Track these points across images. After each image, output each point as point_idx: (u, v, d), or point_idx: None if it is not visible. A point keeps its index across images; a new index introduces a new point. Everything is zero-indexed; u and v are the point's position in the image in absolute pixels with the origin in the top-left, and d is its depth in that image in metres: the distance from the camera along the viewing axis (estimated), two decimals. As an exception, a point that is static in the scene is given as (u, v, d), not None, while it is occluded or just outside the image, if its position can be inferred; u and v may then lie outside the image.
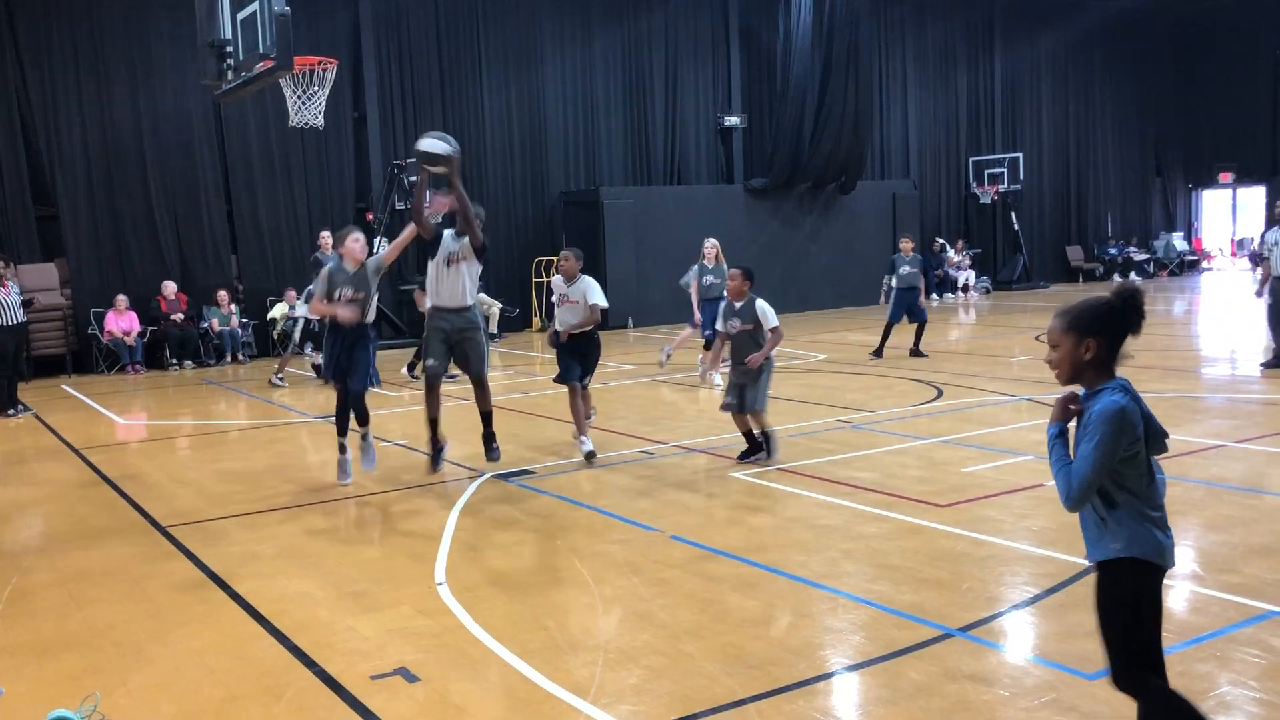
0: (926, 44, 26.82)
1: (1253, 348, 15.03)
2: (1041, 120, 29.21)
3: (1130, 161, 31.47)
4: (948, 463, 8.10)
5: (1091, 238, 30.38)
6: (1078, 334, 3.01)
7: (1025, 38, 28.42)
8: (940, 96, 27.29)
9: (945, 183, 27.62)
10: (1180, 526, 6.24)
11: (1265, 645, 4.44)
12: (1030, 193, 28.30)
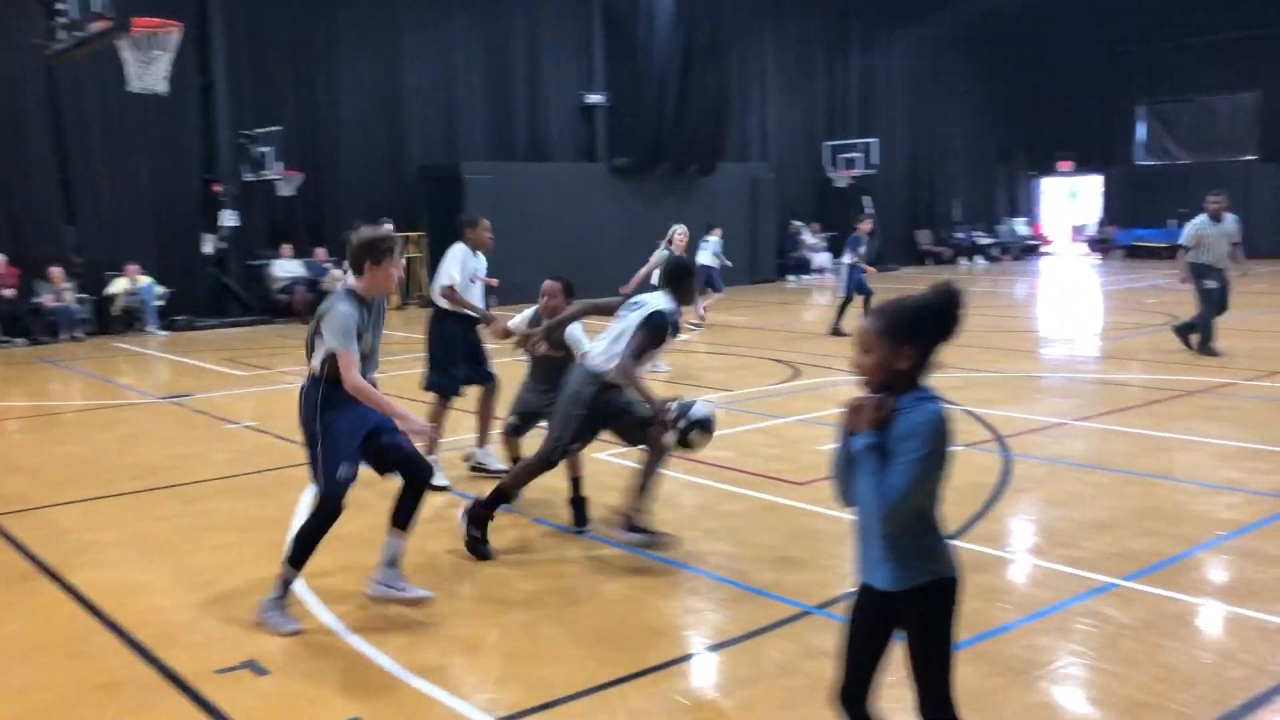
0: (786, 31, 27.19)
1: (1089, 329, 15.79)
2: (895, 108, 30.00)
3: (977, 149, 32.63)
4: (805, 440, 8.24)
5: (940, 222, 31.41)
6: (896, 338, 2.69)
7: (882, 29, 29.09)
8: (799, 81, 27.74)
9: (803, 166, 28.11)
10: (1023, 503, 6.49)
11: (1103, 616, 4.64)
12: (883, 177, 29.06)
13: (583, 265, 17.30)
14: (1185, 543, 5.56)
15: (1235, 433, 8.16)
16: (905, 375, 2.70)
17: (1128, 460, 7.43)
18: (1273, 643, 4.34)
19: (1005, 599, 4.90)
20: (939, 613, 2.78)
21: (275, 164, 18.88)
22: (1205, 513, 6.15)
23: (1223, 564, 5.36)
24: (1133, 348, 13.43)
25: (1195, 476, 6.94)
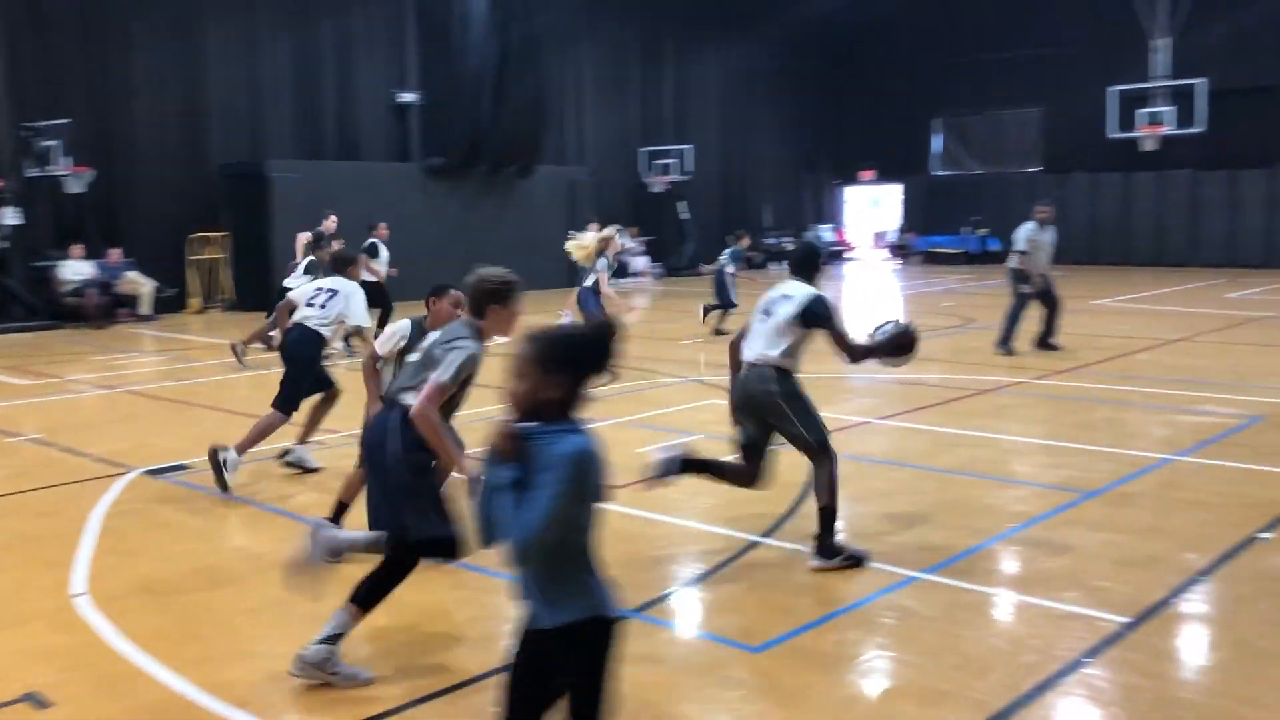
0: (604, 36, 27.40)
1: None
2: (709, 115, 30.64)
3: (786, 158, 33.68)
4: (623, 443, 8.27)
5: (751, 227, 32.23)
6: (549, 367, 2.61)
7: (696, 38, 29.66)
8: (617, 87, 28.00)
9: (619, 171, 28.37)
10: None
11: (905, 609, 4.83)
12: (697, 183, 29.62)
13: (399, 265, 16.92)
14: (980, 535, 5.86)
15: (1025, 429, 8.67)
16: (555, 405, 2.62)
17: (927, 457, 7.78)
18: (1059, 628, 4.61)
19: (814, 595, 5.04)
20: (593, 653, 2.70)
21: (63, 159, 17.71)
22: (998, 506, 6.50)
23: (1014, 554, 5.67)
24: (931, 349, 14.04)
25: (989, 471, 7.33)
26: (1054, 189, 29.02)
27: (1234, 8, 26.09)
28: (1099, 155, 28.68)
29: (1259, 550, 5.54)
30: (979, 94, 31.74)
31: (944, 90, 32.39)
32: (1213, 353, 12.83)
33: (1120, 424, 9.08)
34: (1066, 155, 29.96)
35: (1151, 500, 6.56)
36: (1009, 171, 31.51)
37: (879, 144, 33.92)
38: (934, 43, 31.90)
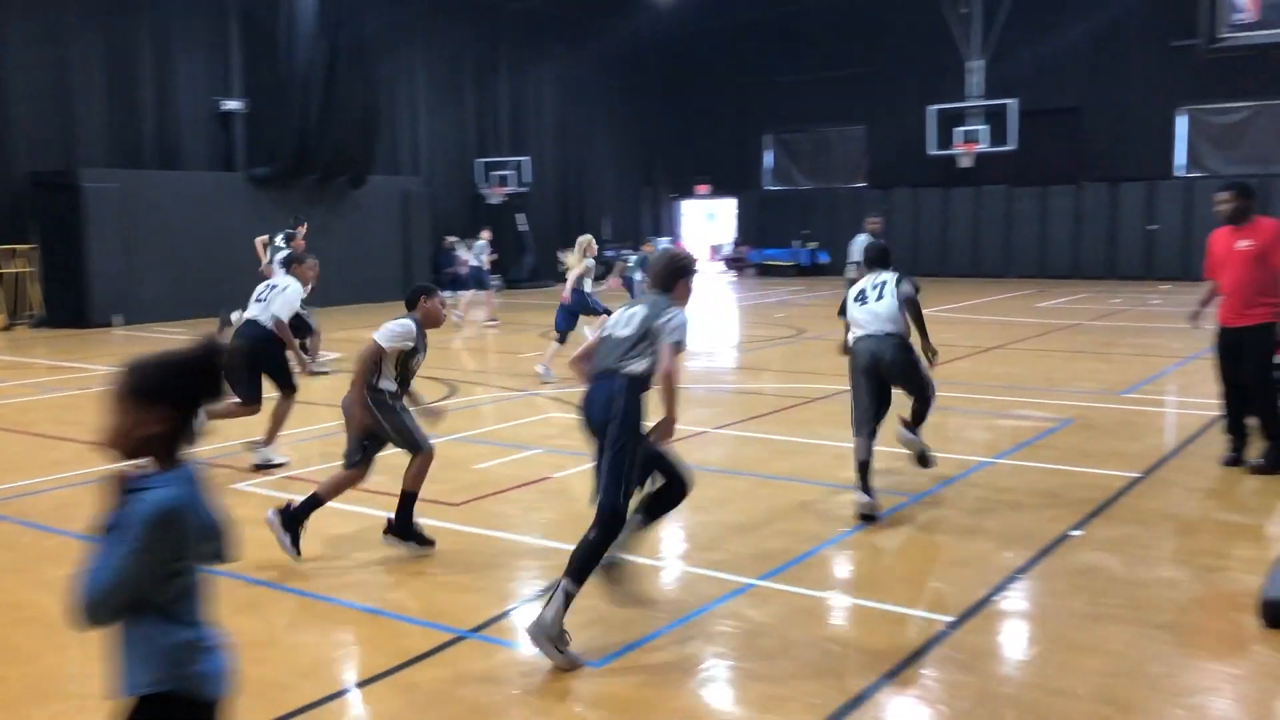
0: (437, 45, 27.06)
1: (727, 342, 16.80)
2: (545, 127, 30.65)
3: (623, 171, 33.99)
4: (461, 460, 8.16)
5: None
6: (147, 398, 2.28)
7: (531, 48, 29.63)
8: (451, 97, 27.69)
9: (455, 182, 28.06)
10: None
11: (743, 616, 4.90)
12: (535, 195, 29.56)
13: (221, 279, 16.32)
14: (813, 540, 6.00)
15: (848, 434, 8.91)
16: (159, 443, 2.30)
17: (762, 464, 7.93)
18: (889, 629, 4.75)
19: (656, 606, 5.06)
20: None
21: None
22: (830, 511, 6.67)
23: (845, 558, 5.83)
24: (766, 359, 14.44)
25: (821, 477, 7.52)
26: (879, 204, 30.16)
27: (1041, 33, 27.70)
28: (920, 171, 30.03)
29: (1071, 546, 5.85)
30: (807, 112, 32.77)
31: (774, 107, 33.30)
32: (1027, 359, 13.54)
33: (944, 429, 9.45)
34: (890, 171, 31.22)
35: (972, 501, 6.85)
36: (836, 187, 32.61)
37: (714, 159, 34.63)
38: (764, 61, 32.76)
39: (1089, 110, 28.45)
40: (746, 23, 31.89)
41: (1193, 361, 12.51)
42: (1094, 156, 28.41)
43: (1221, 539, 6.06)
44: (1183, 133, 27.64)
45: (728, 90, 33.73)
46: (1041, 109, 28.06)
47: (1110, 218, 27.77)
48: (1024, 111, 26.81)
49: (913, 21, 29.32)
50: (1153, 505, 6.70)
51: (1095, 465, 7.75)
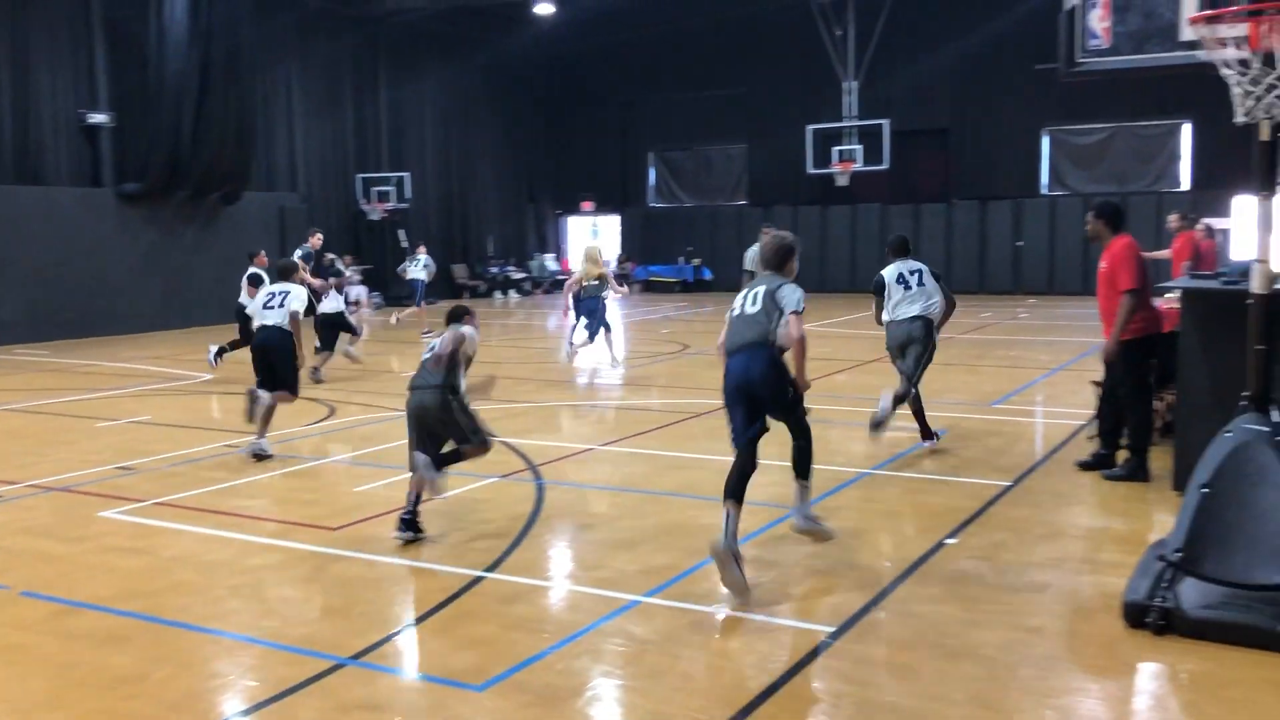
0: (314, 57, 26.51)
1: (616, 358, 16.83)
2: (427, 143, 30.32)
3: (507, 187, 33.82)
4: (340, 483, 7.99)
5: (475, 256, 32.15)
6: None
7: (411, 61, 29.31)
8: (329, 111, 27.16)
9: (335, 199, 27.52)
10: (555, 529, 6.73)
11: (629, 634, 4.90)
12: (418, 212, 29.21)
13: (91, 298, 15.71)
14: (698, 555, 6.04)
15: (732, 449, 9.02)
16: None
17: (648, 480, 7.96)
18: (772, 641, 4.81)
19: (541, 626, 5.02)
20: None
21: None
22: (715, 525, 6.69)
23: (729, 572, 5.87)
24: (652, 374, 14.51)
25: (707, 492, 7.56)
26: (761, 221, 30.68)
27: (913, 56, 28.62)
28: (799, 190, 30.69)
29: (946, 554, 6.01)
30: (689, 130, 33.16)
31: (657, 125, 33.63)
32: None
33: (824, 441, 9.61)
34: (770, 189, 31.81)
35: (852, 513, 6.99)
36: (718, 204, 33.06)
37: (598, 176, 34.75)
38: (647, 79, 33.05)
39: (958, 131, 29.47)
40: (629, 41, 32.11)
41: (1058, 373, 13.02)
42: (964, 175, 29.43)
43: (1088, 544, 6.30)
44: (1046, 153, 28.84)
45: (611, 107, 33.93)
46: (914, 129, 28.99)
47: (980, 234, 28.79)
48: (897, 132, 27.64)
49: (792, 42, 29.94)
50: (1022, 513, 6.93)
51: (968, 475, 7.99)
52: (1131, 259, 7.33)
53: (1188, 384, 7.13)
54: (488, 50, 31.20)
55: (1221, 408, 6.48)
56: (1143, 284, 7.36)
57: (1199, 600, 4.76)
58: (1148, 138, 27.55)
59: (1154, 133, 27.46)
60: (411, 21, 28.41)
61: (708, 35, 31.32)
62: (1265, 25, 4.07)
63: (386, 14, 27.12)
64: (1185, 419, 7.15)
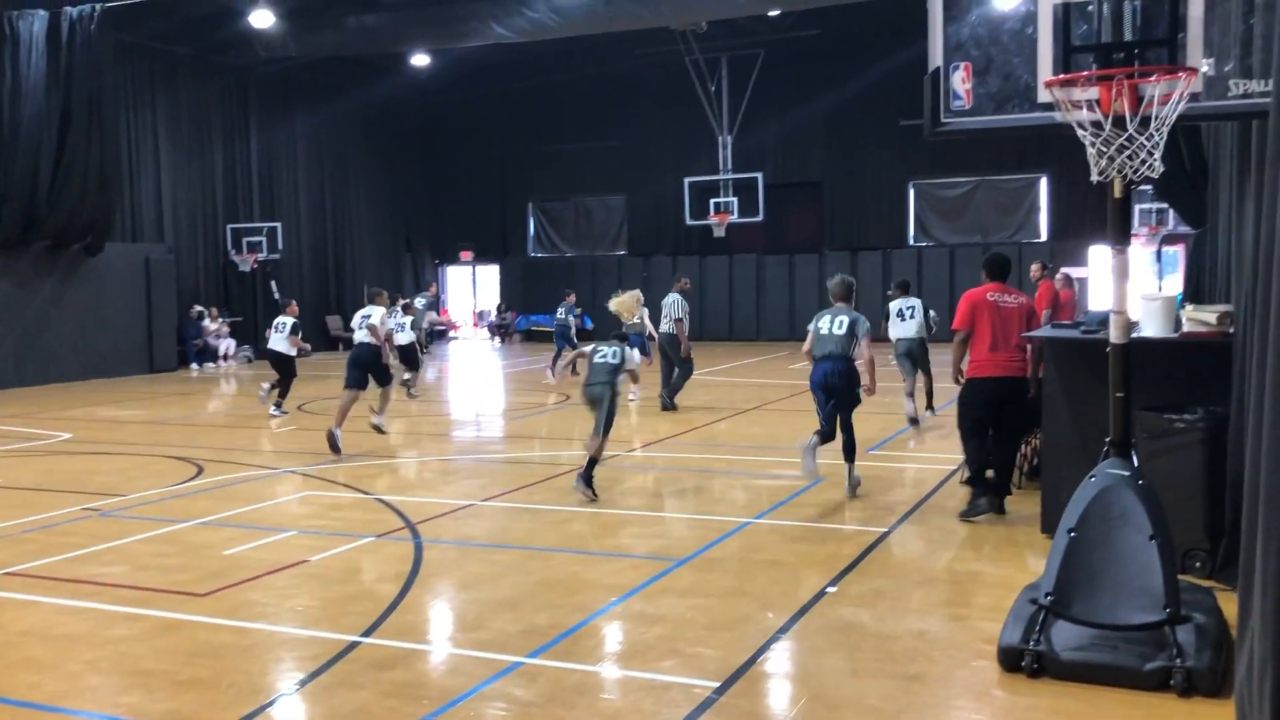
0: (181, 104, 25.79)
1: (494, 410, 16.66)
2: (299, 192, 29.73)
3: (383, 238, 33.37)
4: (208, 546, 7.66)
5: (350, 308, 31.52)
6: None
7: (283, 106, 28.80)
8: (197, 159, 26.42)
9: (203, 249, 26.71)
10: (435, 589, 6.56)
11: (511, 697, 4.78)
12: (289, 262, 28.58)
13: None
14: (582, 612, 5.96)
15: (621, 501, 9.00)
16: None
17: (530, 536, 7.85)
18: (658, 699, 4.75)
19: (420, 693, 4.87)
20: None
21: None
22: (598, 580, 6.66)
23: (614, 629, 5.81)
24: (533, 426, 14.40)
25: (588, 547, 7.51)
26: (641, 270, 30.97)
27: (783, 111, 29.42)
28: (677, 240, 31.14)
29: (828, 603, 6.06)
30: (569, 181, 33.36)
31: (536, 175, 33.73)
32: (781, 420, 14.09)
33: (706, 491, 9.69)
34: (649, 239, 32.17)
35: (735, 563, 7.01)
36: (598, 255, 33.25)
37: (477, 225, 34.63)
38: (526, 130, 33.17)
39: (830, 184, 30.31)
40: (508, 92, 32.24)
41: (930, 419, 13.36)
42: (836, 227, 30.26)
43: (963, 589, 6.43)
44: (913, 205, 29.87)
45: (490, 157, 33.91)
46: (787, 182, 29.76)
47: (852, 284, 29.56)
48: (771, 185, 28.34)
49: (669, 97, 30.45)
50: (899, 558, 7.05)
51: (846, 521, 8.11)
52: (960, 305, 8.17)
53: (1052, 429, 7.39)
54: (364, 97, 30.89)
55: (1085, 452, 6.75)
56: (969, 326, 8.03)
57: (1070, 642, 4.88)
58: (1008, 191, 28.80)
59: (1014, 186, 28.72)
60: (282, 68, 27.92)
61: (586, 89, 31.65)
62: (1114, 89, 4.29)
63: (258, 62, 26.62)
64: (1051, 463, 7.41)
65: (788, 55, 28.62)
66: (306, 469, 10.73)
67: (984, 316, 7.98)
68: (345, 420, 11.59)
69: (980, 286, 8.23)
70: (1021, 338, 7.96)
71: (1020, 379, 8.00)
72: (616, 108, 31.72)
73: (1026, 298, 8.28)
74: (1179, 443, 6.27)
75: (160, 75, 25.13)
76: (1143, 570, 4.86)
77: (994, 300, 8.03)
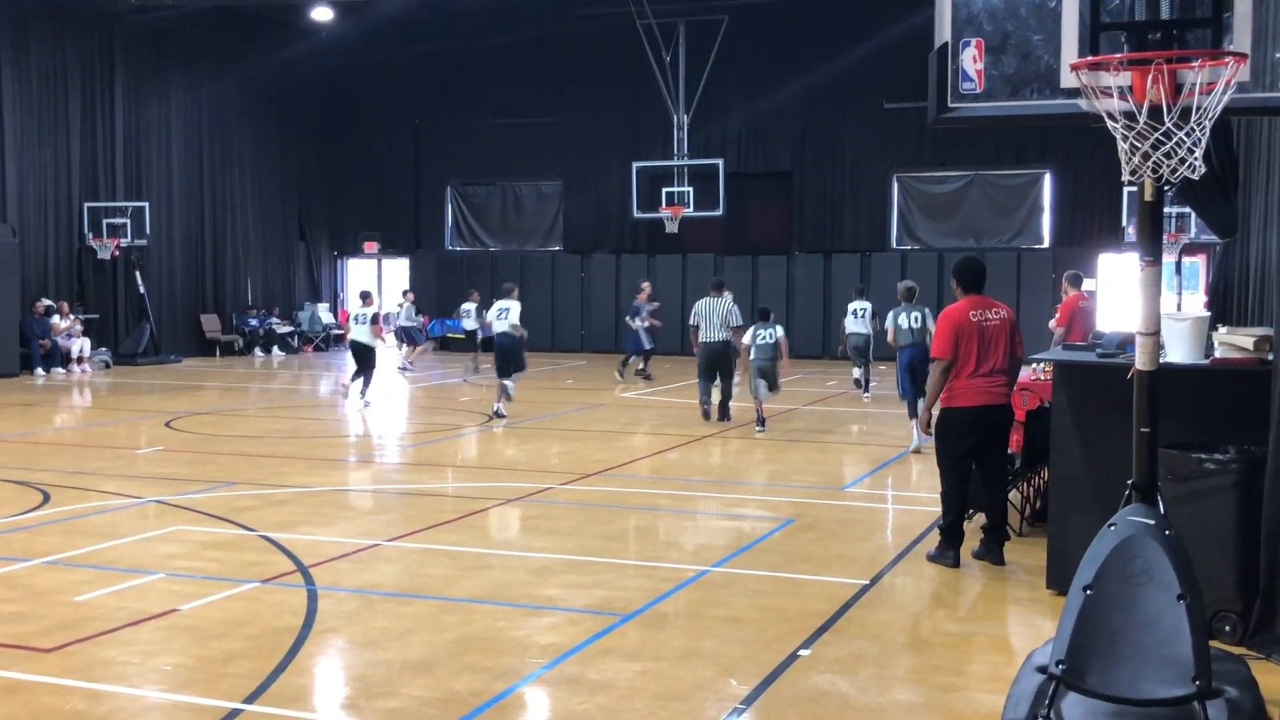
0: (31, 65, 25.27)
1: (404, 431, 16.51)
2: (172, 168, 29.27)
3: (273, 225, 32.96)
4: (55, 591, 7.46)
5: (230, 306, 31.12)
6: None
7: (155, 71, 28.37)
8: (49, 126, 25.90)
9: (54, 231, 26.17)
10: (332, 647, 6.45)
11: (425, 779, 4.69)
12: (158, 250, 28.12)
13: None
14: (509, 677, 5.88)
15: (553, 544, 8.93)
16: None
17: (446, 584, 7.76)
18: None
19: None
20: None
21: None
22: (526, 638, 6.58)
23: (546, 698, 5.74)
24: (448, 452, 14.27)
25: (515, 598, 7.43)
26: (578, 270, 31.01)
27: (749, 90, 29.58)
28: (623, 235, 31.19)
29: (800, 668, 6.04)
30: (495, 163, 33.12)
31: (457, 155, 33.46)
32: (741, 449, 14.11)
33: (652, 532, 9.65)
34: (588, 234, 32.11)
35: (688, 619, 6.97)
36: (528, 249, 33.12)
37: (385, 212, 34.30)
38: (445, 102, 32.96)
39: (800, 175, 30.34)
40: (425, 55, 31.99)
41: (911, 452, 13.46)
42: (806, 225, 30.30)
43: (957, 653, 6.45)
44: (896, 202, 30.11)
45: (401, 133, 33.64)
46: (752, 172, 29.98)
47: (823, 291, 29.74)
48: (733, 174, 28.48)
49: (616, 67, 30.40)
50: (883, 617, 7.06)
51: (820, 572, 8.11)
52: (939, 328, 8.25)
53: (1060, 467, 7.46)
54: (252, 61, 30.53)
55: (1097, 495, 6.83)
56: (951, 354, 8.07)
57: (1084, 717, 4.90)
58: (1007, 188, 29.11)
59: (1013, 183, 29.04)
60: (157, 23, 27.54)
61: (518, 53, 31.49)
62: (1150, 75, 4.33)
63: (127, 11, 26.20)
64: (1059, 506, 7.48)
65: (756, 22, 28.81)
66: (175, 498, 10.52)
67: (967, 340, 8.07)
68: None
69: (958, 303, 8.29)
70: (1011, 359, 8.10)
71: (1005, 406, 8.11)
72: (553, 77, 31.63)
73: (1008, 309, 8.38)
74: (1208, 486, 6.35)
75: (6, 27, 24.63)
76: (1169, 636, 4.89)
77: (977, 320, 8.11)
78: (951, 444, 8.20)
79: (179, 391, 20.96)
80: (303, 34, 30.56)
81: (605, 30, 29.66)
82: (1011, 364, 8.16)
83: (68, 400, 20.32)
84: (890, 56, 26.83)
